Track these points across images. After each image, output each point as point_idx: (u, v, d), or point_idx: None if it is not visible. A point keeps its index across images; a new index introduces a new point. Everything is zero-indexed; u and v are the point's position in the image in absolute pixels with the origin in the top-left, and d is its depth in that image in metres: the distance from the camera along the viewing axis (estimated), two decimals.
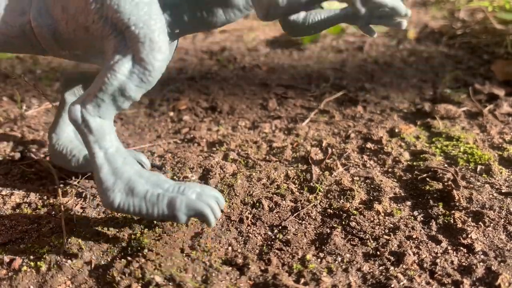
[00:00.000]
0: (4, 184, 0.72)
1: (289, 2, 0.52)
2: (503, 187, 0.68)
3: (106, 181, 0.52)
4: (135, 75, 0.51)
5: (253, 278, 0.52)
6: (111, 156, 0.53)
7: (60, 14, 0.55)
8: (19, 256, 0.56)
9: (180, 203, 0.51)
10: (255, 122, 0.93)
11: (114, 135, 0.54)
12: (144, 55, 0.51)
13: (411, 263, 0.54)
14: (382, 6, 0.51)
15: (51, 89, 1.10)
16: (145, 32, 0.51)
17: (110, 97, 0.52)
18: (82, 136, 0.53)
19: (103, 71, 0.52)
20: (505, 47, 1.24)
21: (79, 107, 0.52)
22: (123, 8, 0.51)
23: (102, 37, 0.53)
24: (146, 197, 0.52)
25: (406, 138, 0.83)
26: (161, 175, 0.55)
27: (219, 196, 0.55)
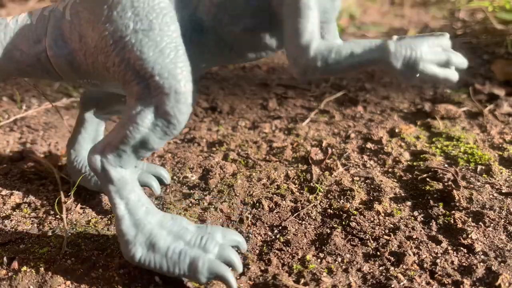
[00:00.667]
0: (4, 184, 0.72)
1: (328, 67, 0.46)
2: (503, 187, 0.68)
3: (127, 234, 0.50)
4: (159, 128, 0.48)
5: (253, 278, 0.52)
6: (132, 206, 0.51)
7: (77, 43, 0.52)
8: (19, 256, 0.56)
9: (202, 266, 0.48)
10: (255, 122, 0.93)
11: (136, 184, 0.52)
12: (169, 107, 0.48)
13: (411, 263, 0.54)
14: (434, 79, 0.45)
15: (50, 89, 1.10)
16: (170, 83, 0.47)
17: (131, 148, 0.50)
18: (102, 185, 0.51)
19: (125, 120, 0.49)
20: (505, 47, 1.24)
21: (99, 156, 0.50)
22: (147, 55, 0.48)
23: (123, 81, 0.50)
24: (167, 254, 0.49)
25: (406, 138, 0.83)
26: (183, 220, 0.52)
27: (240, 240, 0.53)
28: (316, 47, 0.45)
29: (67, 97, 1.06)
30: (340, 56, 0.45)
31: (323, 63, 0.45)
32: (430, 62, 0.44)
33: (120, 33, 0.48)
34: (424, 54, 0.43)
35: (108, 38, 0.49)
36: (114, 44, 0.48)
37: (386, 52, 0.44)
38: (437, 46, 0.45)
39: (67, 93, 1.08)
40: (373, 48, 0.45)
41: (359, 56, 0.45)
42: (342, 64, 0.45)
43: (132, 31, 0.48)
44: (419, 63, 0.43)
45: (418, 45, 0.44)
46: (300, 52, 0.46)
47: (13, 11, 1.75)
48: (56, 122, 0.94)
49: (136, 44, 0.48)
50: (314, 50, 0.45)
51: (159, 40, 0.48)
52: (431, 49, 0.44)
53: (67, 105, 1.02)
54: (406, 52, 0.43)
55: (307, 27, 0.46)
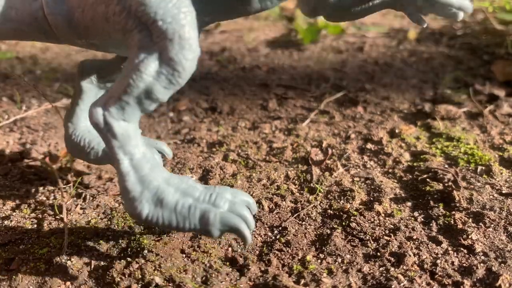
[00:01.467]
0: (3, 184, 0.72)
1: None
2: (504, 188, 0.68)
3: (132, 190, 0.48)
4: (163, 76, 0.46)
5: (253, 279, 0.52)
6: (137, 162, 0.48)
7: (75, 0, 0.50)
8: (18, 257, 0.56)
9: (214, 217, 0.47)
10: (255, 122, 0.93)
11: (140, 139, 0.50)
12: (173, 54, 0.45)
13: (412, 264, 0.54)
14: (448, 5, 0.49)
15: (50, 90, 1.10)
16: (174, 28, 0.45)
17: (135, 99, 0.47)
18: (105, 141, 0.49)
19: (127, 70, 0.47)
20: (506, 48, 1.24)
21: (101, 110, 0.48)
22: (149, 0, 0.45)
23: (124, 30, 0.47)
24: (176, 209, 0.48)
25: (406, 139, 0.83)
26: (190, 179, 0.51)
27: (250, 201, 0.51)
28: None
29: (67, 97, 1.05)
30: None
31: None
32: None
33: None
34: None
35: None
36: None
37: None
38: None
39: (67, 93, 1.08)
40: None
41: None
42: None
43: None
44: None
45: None
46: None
47: None
48: (56, 123, 0.94)
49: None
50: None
51: None
52: None
53: (67, 106, 1.02)
54: None
55: None
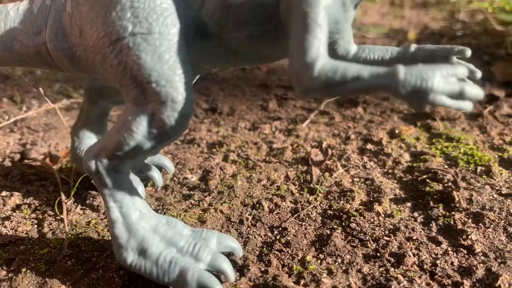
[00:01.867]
0: (4, 185, 0.72)
1: (330, 88, 0.43)
2: (503, 188, 0.68)
3: (119, 237, 0.50)
4: (153, 135, 0.47)
5: (253, 279, 0.52)
6: (126, 210, 0.50)
7: (77, 38, 0.50)
8: (19, 257, 0.56)
9: (192, 277, 0.47)
10: (255, 123, 0.93)
11: (131, 187, 0.51)
12: (165, 116, 0.46)
13: (411, 264, 0.54)
14: None
15: (51, 90, 1.10)
16: (167, 92, 0.45)
17: (126, 154, 0.48)
18: (97, 187, 0.51)
19: (121, 124, 0.48)
20: (505, 48, 1.24)
21: (94, 159, 0.50)
22: (144, 60, 0.46)
23: (120, 84, 0.48)
24: (158, 262, 0.49)
25: (406, 139, 0.83)
26: (178, 223, 0.52)
27: (236, 246, 0.52)
28: (321, 67, 0.42)
29: (67, 98, 1.06)
30: (345, 78, 0.42)
31: (327, 85, 0.42)
32: (441, 94, 0.40)
33: (117, 35, 0.46)
34: (435, 85, 0.40)
35: (105, 39, 0.47)
36: (112, 46, 0.47)
37: (395, 81, 0.40)
38: (451, 76, 0.41)
39: (67, 94, 1.08)
40: (381, 74, 0.41)
41: (366, 81, 0.42)
42: (347, 87, 0.42)
43: (130, 33, 0.46)
44: (430, 94, 0.40)
45: (430, 75, 0.40)
46: (304, 69, 0.43)
47: None
48: (56, 123, 0.95)
49: (133, 48, 0.46)
50: (318, 70, 0.42)
51: (158, 45, 0.46)
52: (444, 79, 0.41)
53: (67, 106, 1.02)
54: (416, 82, 0.40)
55: (313, 43, 0.43)
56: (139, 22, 0.46)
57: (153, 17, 0.46)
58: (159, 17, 0.47)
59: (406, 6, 2.13)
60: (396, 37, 1.49)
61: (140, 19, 0.46)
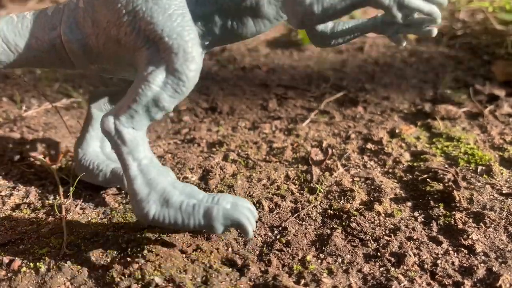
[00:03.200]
0: (3, 184, 0.72)
1: (324, 10, 0.51)
2: (504, 188, 0.68)
3: (140, 192, 0.52)
4: (169, 85, 0.51)
5: (253, 279, 0.52)
6: (145, 167, 0.52)
7: (90, 28, 0.56)
8: (18, 257, 0.56)
9: (217, 213, 0.51)
10: (255, 122, 0.93)
11: (147, 146, 0.54)
12: (178, 65, 0.51)
13: (412, 264, 0.54)
14: (419, 11, 0.51)
15: (50, 90, 1.10)
16: (179, 43, 0.51)
17: (144, 108, 0.51)
18: (114, 148, 0.53)
19: (137, 82, 0.52)
20: (506, 48, 1.24)
21: (112, 118, 0.52)
22: (157, 19, 0.51)
23: (134, 49, 0.53)
24: (181, 207, 0.51)
25: (406, 139, 0.83)
26: (194, 186, 0.55)
27: (252, 207, 0.54)
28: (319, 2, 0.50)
29: (67, 97, 1.05)
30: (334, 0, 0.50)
31: (319, 8, 0.50)
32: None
33: (132, 4, 0.52)
34: None
35: (121, 10, 0.53)
36: (127, 14, 0.52)
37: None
38: None
39: (67, 93, 1.08)
40: None
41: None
42: (337, 7, 0.50)
43: (143, 0, 0.52)
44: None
45: None
46: (297, 2, 0.51)
47: (13, 12, 1.74)
48: (56, 123, 0.94)
49: (146, 11, 0.52)
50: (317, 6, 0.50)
51: (167, 7, 0.52)
52: None
53: (67, 106, 1.02)
54: None
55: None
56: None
57: None
58: None
59: None
60: None
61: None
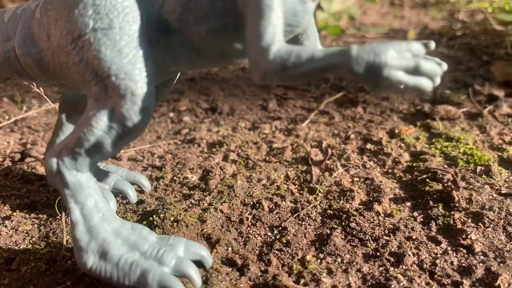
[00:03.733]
0: (4, 184, 0.72)
1: (286, 71, 0.43)
2: (503, 188, 0.68)
3: (80, 240, 0.48)
4: (114, 130, 0.46)
5: (253, 279, 0.52)
6: (87, 212, 0.49)
7: (45, 42, 0.51)
8: (19, 257, 0.56)
9: (152, 278, 0.46)
10: (255, 123, 0.93)
11: (93, 188, 0.50)
12: (124, 109, 0.46)
13: (411, 263, 0.54)
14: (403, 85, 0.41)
15: (51, 90, 1.10)
16: (127, 84, 0.46)
17: (86, 151, 0.48)
18: (58, 188, 0.50)
19: (81, 122, 0.48)
20: (505, 48, 1.24)
21: (55, 159, 0.49)
22: (104, 54, 0.46)
23: (83, 81, 0.48)
24: (118, 264, 0.47)
25: (406, 139, 0.83)
26: (144, 229, 0.51)
27: (205, 254, 0.51)
28: (276, 50, 0.42)
29: None
30: (300, 60, 0.42)
31: (282, 67, 0.42)
32: (396, 68, 0.39)
33: (79, 32, 0.47)
34: (389, 59, 0.39)
35: (68, 36, 0.48)
36: (74, 42, 0.47)
37: (348, 57, 0.40)
38: (406, 51, 0.41)
39: None
40: (334, 52, 0.41)
41: (320, 60, 0.41)
42: (302, 68, 0.42)
43: (91, 29, 0.47)
44: (384, 69, 0.39)
45: (382, 50, 0.40)
46: (260, 55, 0.43)
47: None
48: None
49: (94, 43, 0.46)
50: (273, 53, 0.42)
51: (118, 39, 0.46)
52: (398, 53, 0.40)
53: None
54: (369, 57, 0.39)
55: (267, 28, 0.43)
56: (100, 18, 0.47)
57: (114, 14, 0.47)
58: (120, 13, 0.47)
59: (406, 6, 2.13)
60: (396, 37, 1.49)
61: (101, 16, 0.47)
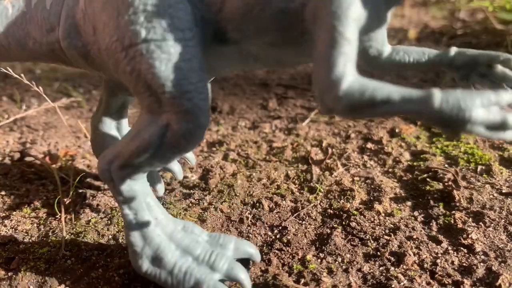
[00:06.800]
0: (3, 184, 0.72)
1: (357, 110, 0.38)
2: (504, 187, 0.68)
3: (134, 245, 0.49)
4: (167, 146, 0.45)
5: (254, 278, 0.52)
6: (141, 217, 0.49)
7: (91, 36, 0.47)
8: (18, 256, 0.56)
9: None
10: (255, 122, 0.93)
11: (147, 193, 0.50)
12: (179, 127, 0.44)
13: (412, 263, 0.54)
14: None
15: (50, 89, 1.10)
16: (182, 103, 0.43)
17: (138, 164, 0.47)
18: (112, 193, 0.50)
19: (135, 132, 0.46)
20: (506, 47, 1.24)
21: (107, 166, 0.48)
22: (158, 69, 0.43)
23: (135, 91, 0.45)
24: (173, 272, 0.48)
25: (406, 138, 0.83)
26: (195, 230, 0.52)
27: (254, 252, 0.52)
28: (347, 86, 0.38)
29: (67, 97, 1.05)
30: (374, 101, 0.38)
31: (353, 106, 0.38)
32: (480, 125, 0.36)
33: (130, 41, 0.43)
34: (474, 116, 0.35)
35: (118, 44, 0.44)
36: (125, 51, 0.44)
37: (429, 108, 0.36)
38: (493, 104, 0.36)
39: (67, 93, 1.08)
40: (414, 98, 0.37)
41: (397, 105, 0.38)
42: (375, 110, 0.38)
43: (143, 40, 0.43)
44: (467, 125, 0.35)
45: (469, 104, 0.35)
46: (328, 88, 0.38)
47: None
48: (56, 122, 0.94)
49: (147, 55, 0.43)
50: (344, 90, 0.38)
51: (172, 52, 0.43)
52: (484, 109, 0.36)
53: (67, 105, 1.02)
54: (452, 111, 0.35)
55: (339, 60, 0.38)
56: (152, 28, 0.43)
57: (168, 21, 0.43)
58: (174, 21, 0.43)
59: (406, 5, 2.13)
60: (396, 36, 1.49)
61: (154, 24, 0.43)
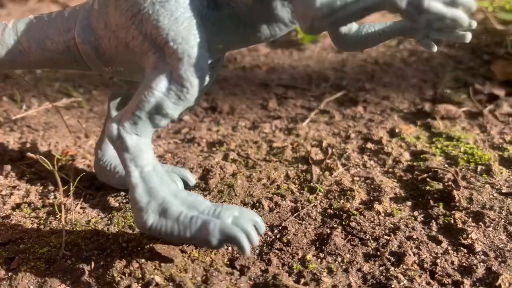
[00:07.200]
0: (4, 184, 0.72)
1: (334, 14, 0.46)
2: (504, 187, 0.68)
3: (140, 201, 0.51)
4: (173, 92, 0.50)
5: (253, 279, 0.52)
6: (147, 174, 0.51)
7: (103, 30, 0.56)
8: (19, 256, 0.56)
9: (214, 227, 0.49)
10: (255, 122, 0.93)
11: (151, 153, 0.53)
12: (182, 71, 0.50)
13: (412, 263, 0.54)
14: (441, 18, 0.45)
15: (51, 89, 1.10)
16: (184, 48, 0.50)
17: (147, 114, 0.51)
18: (118, 154, 0.53)
19: (141, 87, 0.51)
20: (505, 48, 1.24)
21: (116, 124, 0.52)
22: (162, 23, 0.51)
23: (141, 53, 0.52)
24: (179, 219, 0.50)
25: (406, 138, 0.83)
26: (199, 195, 0.53)
27: (258, 220, 0.52)
28: None
29: (67, 97, 1.06)
30: (345, 1, 0.46)
31: (330, 11, 0.46)
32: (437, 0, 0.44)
33: (138, 7, 0.52)
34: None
35: (128, 13, 0.52)
36: (134, 17, 0.52)
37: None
38: None
39: (67, 93, 1.08)
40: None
41: (365, 0, 0.45)
42: (349, 10, 0.46)
43: (150, 3, 0.51)
44: (424, 1, 0.43)
45: None
46: (307, 4, 0.47)
47: (13, 11, 1.75)
48: (56, 122, 0.94)
49: (153, 14, 0.51)
50: (320, 1, 0.46)
51: (174, 10, 0.51)
52: None
53: (67, 105, 1.02)
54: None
55: None
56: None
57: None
58: None
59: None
60: None
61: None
